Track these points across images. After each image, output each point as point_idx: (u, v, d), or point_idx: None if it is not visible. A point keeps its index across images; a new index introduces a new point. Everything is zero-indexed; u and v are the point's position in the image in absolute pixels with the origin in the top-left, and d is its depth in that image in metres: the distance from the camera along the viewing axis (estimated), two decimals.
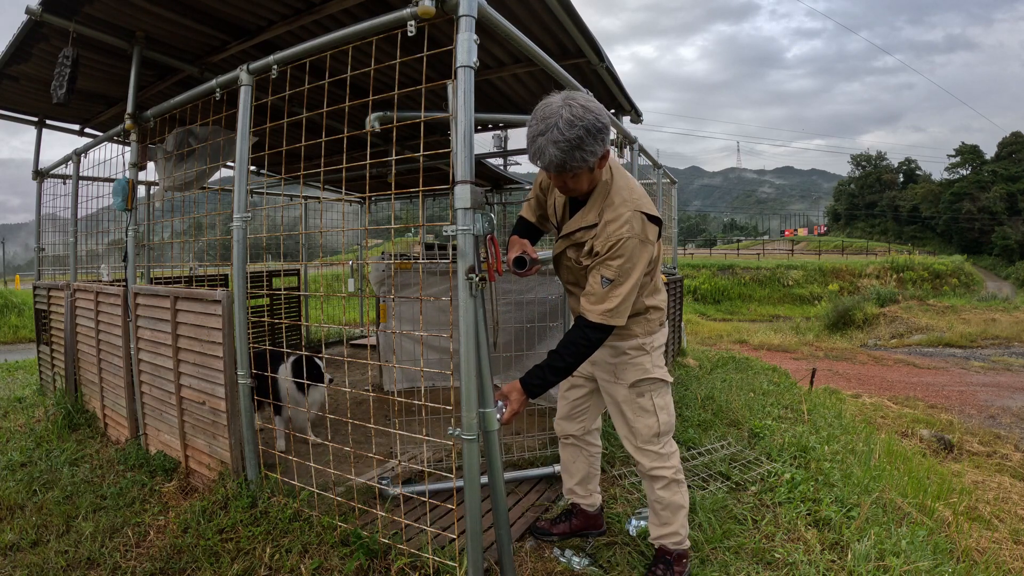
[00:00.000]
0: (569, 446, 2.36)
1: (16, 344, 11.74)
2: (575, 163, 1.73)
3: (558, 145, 1.69)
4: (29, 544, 2.38)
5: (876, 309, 16.37)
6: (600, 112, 1.72)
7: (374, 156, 5.08)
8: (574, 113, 1.67)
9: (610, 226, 1.84)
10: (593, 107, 1.71)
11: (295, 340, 6.55)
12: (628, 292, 1.83)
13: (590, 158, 1.73)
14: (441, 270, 4.55)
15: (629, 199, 1.87)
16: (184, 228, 4.96)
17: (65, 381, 4.16)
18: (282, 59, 2.35)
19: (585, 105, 1.70)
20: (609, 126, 1.75)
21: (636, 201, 1.86)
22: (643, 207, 1.86)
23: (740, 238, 78.56)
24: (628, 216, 1.83)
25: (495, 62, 3.50)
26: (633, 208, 1.84)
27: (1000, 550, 3.02)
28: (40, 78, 3.50)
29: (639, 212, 1.84)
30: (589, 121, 1.68)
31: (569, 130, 1.67)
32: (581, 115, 1.68)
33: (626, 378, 2.07)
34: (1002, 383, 8.98)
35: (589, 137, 1.69)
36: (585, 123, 1.68)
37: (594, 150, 1.72)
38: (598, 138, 1.71)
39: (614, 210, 1.85)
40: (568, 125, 1.67)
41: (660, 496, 2.08)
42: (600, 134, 1.72)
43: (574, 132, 1.67)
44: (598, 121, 1.70)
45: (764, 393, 5.28)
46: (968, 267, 32.20)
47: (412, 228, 7.62)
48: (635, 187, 1.92)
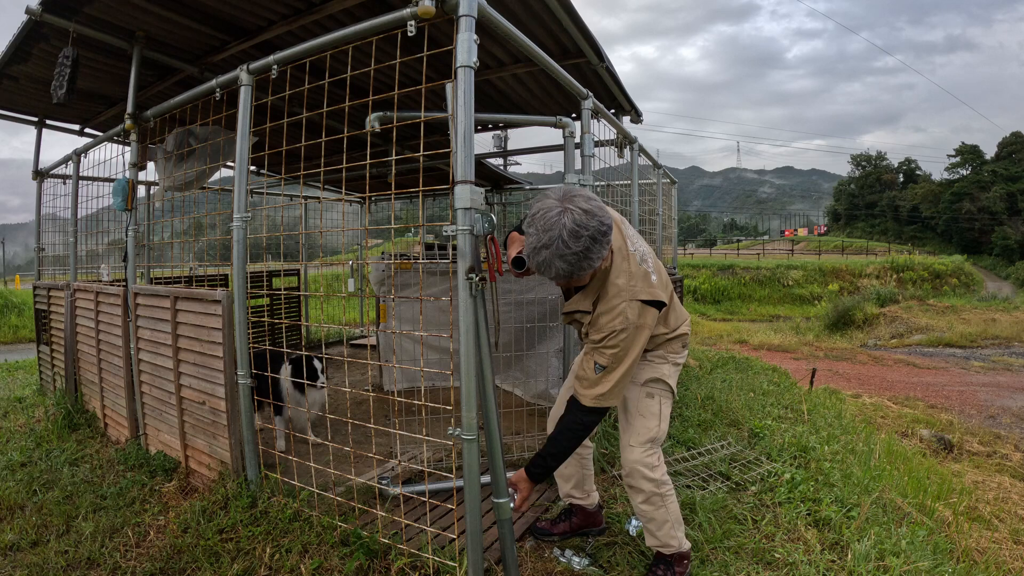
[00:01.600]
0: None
1: (16, 344, 11.74)
2: (583, 272, 1.70)
3: (565, 259, 1.63)
4: (29, 544, 2.38)
5: (876, 309, 16.37)
6: (601, 211, 1.66)
7: (374, 156, 5.08)
8: (577, 221, 1.61)
9: (602, 318, 1.84)
10: (594, 208, 1.65)
11: (295, 340, 6.55)
12: (621, 377, 1.85)
13: (596, 262, 1.69)
14: (441, 270, 4.55)
15: (625, 288, 1.83)
16: (184, 228, 4.95)
17: (65, 381, 4.16)
18: (282, 59, 2.35)
19: (586, 209, 1.63)
20: (612, 228, 1.69)
21: (632, 290, 1.83)
22: (638, 295, 1.83)
23: (740, 238, 78.57)
24: (622, 307, 1.81)
25: (495, 62, 3.50)
26: (628, 298, 1.82)
27: (1000, 550, 3.02)
28: (40, 78, 3.50)
29: (635, 301, 1.82)
30: (593, 228, 1.62)
31: (575, 243, 1.61)
32: (584, 222, 1.61)
33: (640, 377, 2.08)
34: (1002, 383, 8.98)
35: (596, 244, 1.64)
36: (590, 231, 1.61)
37: (600, 254, 1.67)
38: (603, 242, 1.66)
39: (607, 302, 1.83)
40: (573, 237, 1.60)
41: (642, 510, 2.08)
42: (605, 237, 1.66)
43: (580, 244, 1.61)
44: (602, 225, 1.64)
45: (764, 393, 5.29)
46: (968, 267, 32.20)
47: (412, 228, 7.62)
48: (633, 272, 1.86)
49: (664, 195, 5.57)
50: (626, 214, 3.86)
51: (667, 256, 5.93)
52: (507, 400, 4.25)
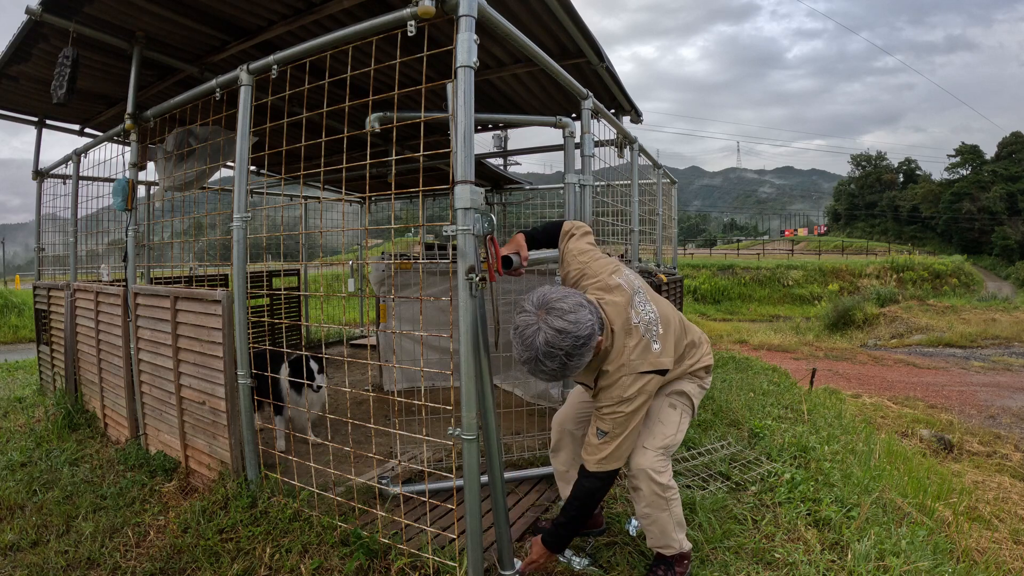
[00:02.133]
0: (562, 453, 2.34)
1: (16, 344, 11.74)
2: (569, 374, 1.79)
3: (546, 372, 1.75)
4: (29, 544, 2.38)
5: (876, 309, 16.36)
6: (576, 326, 1.69)
7: (374, 156, 5.08)
8: (550, 342, 1.68)
9: (603, 392, 1.90)
10: (569, 327, 1.68)
11: (295, 340, 6.55)
12: (622, 442, 1.89)
13: (581, 365, 1.76)
14: (441, 270, 4.55)
15: (626, 363, 1.87)
16: (184, 228, 4.96)
17: (65, 381, 4.16)
18: (282, 59, 2.35)
19: (559, 328, 1.68)
20: (592, 333, 1.73)
21: (631, 364, 1.87)
22: (638, 368, 1.87)
23: (740, 238, 78.56)
24: (622, 381, 1.86)
25: (495, 62, 3.50)
26: (628, 372, 1.86)
27: (1000, 550, 3.02)
28: (40, 78, 3.50)
29: (635, 374, 1.86)
30: (567, 346, 1.69)
31: (551, 361, 1.71)
32: (557, 343, 1.68)
33: (664, 389, 2.11)
34: (1002, 383, 8.98)
35: (572, 358, 1.71)
36: (564, 350, 1.69)
37: (581, 361, 1.74)
38: (581, 352, 1.72)
39: (608, 377, 1.88)
40: (548, 357, 1.70)
41: (645, 513, 2.07)
42: (584, 347, 1.72)
43: (556, 362, 1.71)
44: (577, 340, 1.69)
45: (764, 393, 5.29)
46: (968, 267, 32.19)
47: (412, 228, 7.61)
48: (633, 346, 1.89)
49: (664, 195, 5.57)
50: (626, 214, 3.86)
51: (667, 256, 5.93)
52: (507, 400, 4.25)
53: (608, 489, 2.01)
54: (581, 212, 2.89)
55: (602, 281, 1.97)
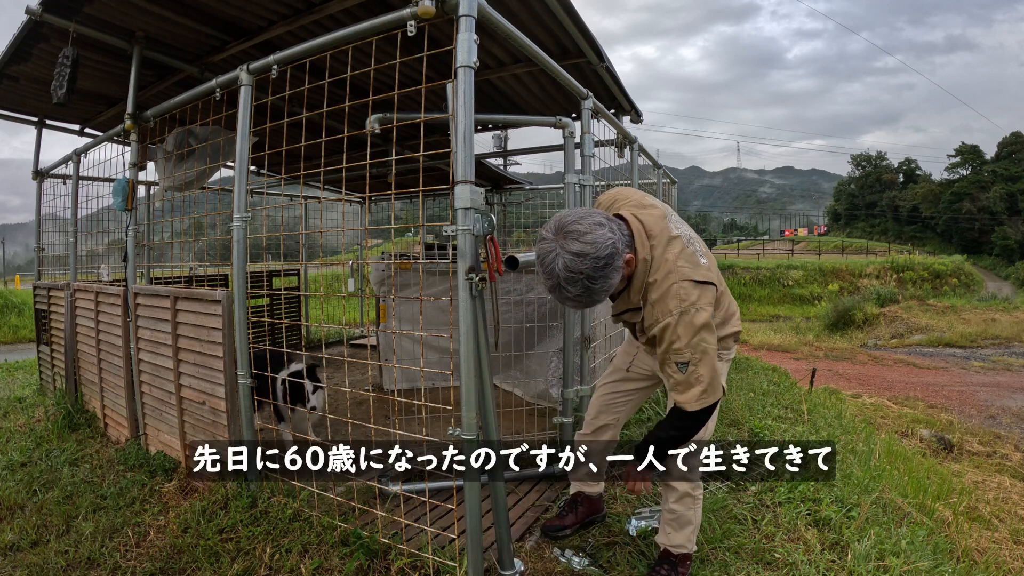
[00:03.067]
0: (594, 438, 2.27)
1: (16, 344, 11.74)
2: (598, 300, 1.69)
3: (573, 299, 1.65)
4: (29, 544, 2.38)
5: (876, 309, 16.36)
6: (595, 246, 1.59)
7: (374, 156, 5.07)
8: (569, 267, 1.59)
9: (656, 308, 1.72)
10: (587, 248, 1.59)
11: (295, 340, 6.55)
12: (711, 366, 1.70)
13: (608, 288, 1.66)
14: (441, 270, 4.55)
15: (674, 269, 1.72)
16: (184, 228, 4.96)
17: (65, 381, 4.16)
18: (282, 59, 2.35)
19: (577, 251, 1.59)
20: (614, 252, 1.63)
21: (680, 271, 1.72)
22: (688, 276, 1.71)
23: (740, 238, 78.53)
24: (674, 290, 1.70)
25: (495, 62, 3.50)
26: (679, 278, 1.71)
27: (1000, 550, 3.02)
28: (40, 78, 3.50)
29: (685, 281, 1.71)
30: (587, 268, 1.59)
31: (574, 286, 1.61)
32: (576, 266, 1.59)
33: None
34: (1002, 383, 8.98)
35: (596, 281, 1.61)
36: (584, 273, 1.60)
37: (607, 283, 1.64)
38: (607, 271, 1.62)
39: (657, 288, 1.72)
40: (569, 282, 1.61)
41: (673, 508, 2.07)
42: (608, 267, 1.61)
43: (579, 287, 1.61)
44: (597, 261, 1.59)
45: (764, 393, 5.28)
46: (968, 267, 32.18)
47: (412, 228, 7.61)
48: (678, 254, 1.76)
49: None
50: None
51: None
52: (507, 400, 4.25)
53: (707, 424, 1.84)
54: None
55: (636, 200, 1.88)
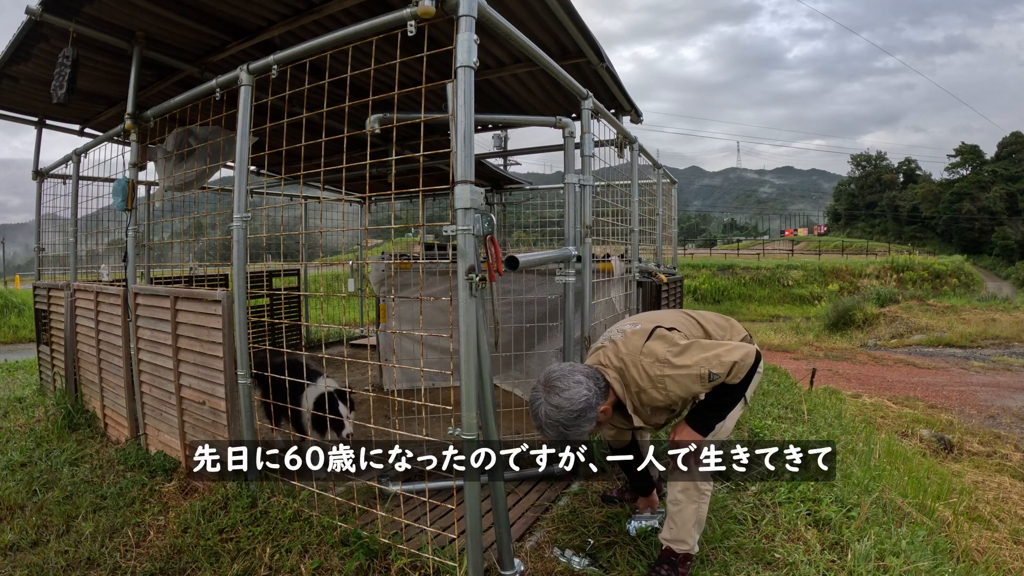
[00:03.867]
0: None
1: (16, 344, 11.75)
2: (576, 438, 1.97)
3: (556, 434, 1.96)
4: (29, 544, 2.38)
5: (876, 309, 16.36)
6: (570, 401, 1.91)
7: (374, 156, 5.07)
8: (548, 415, 1.93)
9: (659, 387, 1.99)
10: (562, 402, 1.91)
11: (295, 340, 6.55)
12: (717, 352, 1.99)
13: (584, 432, 1.96)
14: (441, 270, 4.55)
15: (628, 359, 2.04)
16: (184, 228, 4.96)
17: (65, 381, 4.16)
18: (282, 59, 2.35)
19: (556, 404, 1.91)
20: (587, 407, 1.92)
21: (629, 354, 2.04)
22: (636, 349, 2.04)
23: (740, 238, 78.50)
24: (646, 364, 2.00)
25: (495, 62, 3.50)
26: (635, 359, 2.02)
27: (1000, 550, 3.02)
28: (40, 78, 3.50)
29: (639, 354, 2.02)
30: (562, 418, 1.91)
31: (552, 430, 1.95)
32: (554, 416, 1.92)
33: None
34: (1002, 383, 8.98)
35: (570, 428, 1.92)
36: (560, 421, 1.91)
37: (581, 427, 1.93)
38: (580, 421, 1.92)
39: (642, 381, 2.01)
40: (549, 426, 1.95)
41: (675, 497, 2.08)
42: (580, 418, 1.92)
43: (555, 432, 1.95)
44: (571, 414, 1.91)
45: (764, 393, 5.28)
46: (968, 267, 32.17)
47: (412, 228, 7.62)
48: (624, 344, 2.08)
49: (664, 195, 5.56)
50: (626, 214, 3.86)
51: (667, 256, 5.92)
52: (507, 400, 4.25)
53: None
54: (581, 212, 2.89)
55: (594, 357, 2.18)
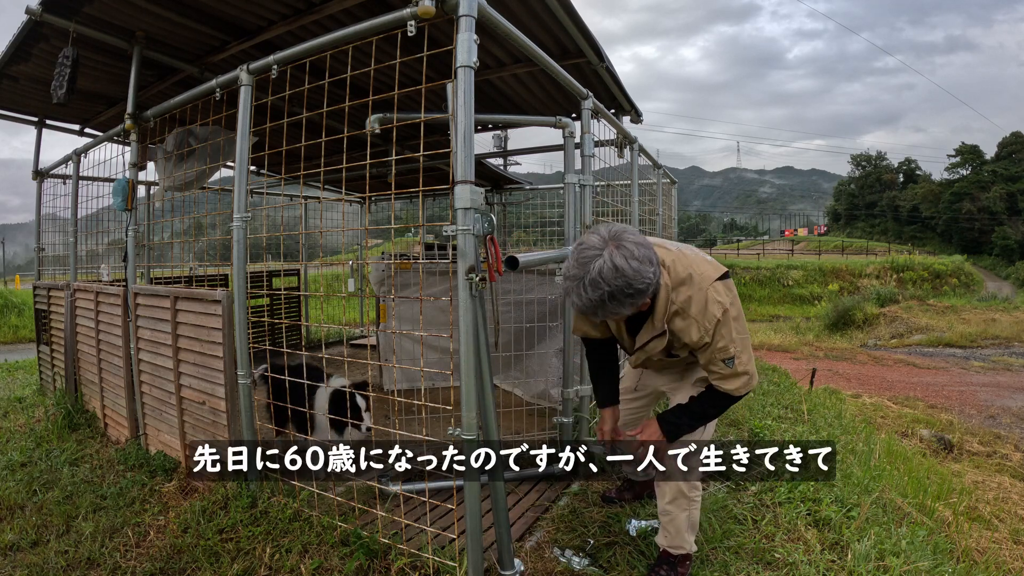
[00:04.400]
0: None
1: (16, 344, 11.74)
2: (598, 318, 1.73)
3: (581, 298, 1.63)
4: (29, 544, 2.38)
5: (876, 309, 16.36)
6: (637, 274, 1.58)
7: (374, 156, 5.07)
8: (604, 275, 1.57)
9: (702, 318, 1.77)
10: (629, 270, 1.57)
11: (295, 340, 6.55)
12: (750, 352, 1.86)
13: (617, 313, 1.68)
14: (441, 270, 4.55)
15: (697, 278, 1.79)
16: (184, 228, 4.96)
17: (65, 381, 4.16)
18: (282, 59, 2.35)
19: (619, 266, 1.57)
20: (645, 290, 1.62)
21: (703, 276, 1.79)
22: (712, 275, 1.81)
23: (740, 238, 78.49)
24: (711, 296, 1.77)
25: (495, 62, 3.50)
26: (708, 284, 1.79)
27: (1000, 550, 3.02)
28: (40, 78, 3.50)
29: (714, 283, 1.80)
30: (616, 286, 1.58)
31: (593, 291, 1.59)
32: (611, 279, 1.57)
33: (693, 375, 2.09)
34: (1002, 383, 8.98)
35: (613, 302, 1.60)
36: (612, 288, 1.58)
37: (622, 306, 1.63)
38: (625, 302, 1.62)
39: (694, 303, 1.77)
40: (593, 286, 1.58)
41: (665, 508, 2.07)
42: (631, 296, 1.61)
43: (596, 295, 1.59)
44: (628, 286, 1.58)
45: (764, 393, 5.28)
46: (968, 267, 32.18)
47: (412, 228, 7.61)
48: (691, 260, 1.83)
49: (664, 195, 5.56)
50: (626, 214, 3.86)
51: None
52: (507, 400, 4.25)
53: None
54: (581, 212, 2.89)
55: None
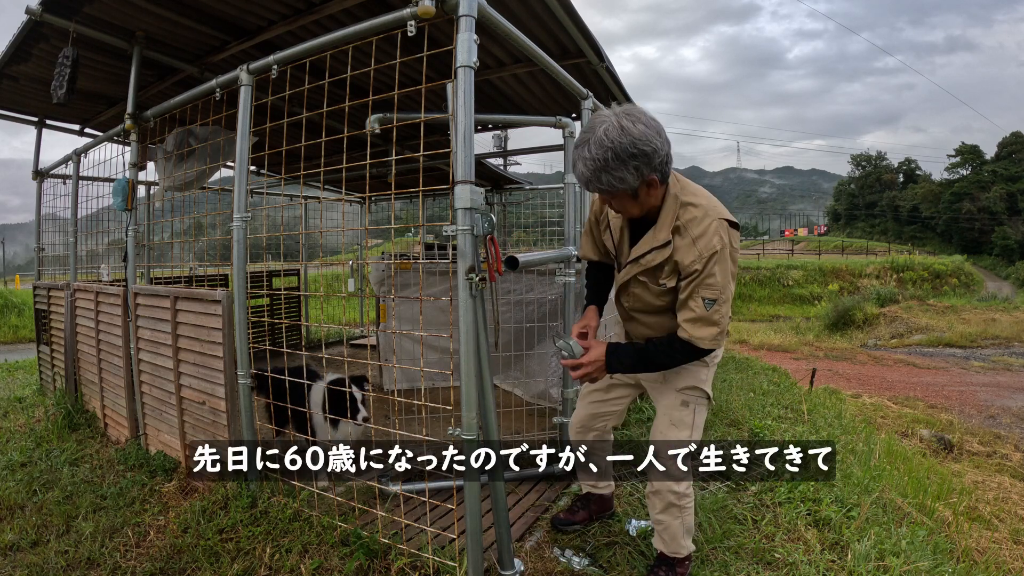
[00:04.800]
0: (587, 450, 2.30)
1: (16, 344, 11.74)
2: (601, 185, 1.67)
3: (585, 163, 1.64)
4: (29, 544, 2.38)
5: (876, 309, 16.36)
6: (643, 136, 1.59)
7: (374, 156, 5.07)
8: (608, 134, 1.59)
9: (700, 241, 1.71)
10: (635, 131, 1.58)
11: (295, 340, 6.55)
12: (728, 309, 1.76)
13: (618, 184, 1.64)
14: (441, 270, 4.55)
15: (708, 206, 1.74)
16: (184, 228, 4.96)
17: (65, 381, 4.16)
18: (282, 59, 2.35)
19: (624, 126, 1.58)
20: (650, 153, 1.61)
21: (715, 208, 1.75)
22: (723, 213, 1.75)
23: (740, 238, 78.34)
24: (715, 226, 1.71)
25: (495, 62, 3.50)
26: (716, 216, 1.73)
27: (1000, 550, 3.02)
28: (40, 78, 3.50)
29: (722, 220, 1.73)
30: (621, 145, 1.58)
31: (597, 150, 1.60)
32: (616, 137, 1.58)
33: (676, 383, 2.00)
34: (1002, 383, 8.98)
35: (616, 161, 1.60)
36: (615, 146, 1.58)
37: (623, 176, 1.62)
38: (628, 164, 1.60)
39: (698, 224, 1.72)
40: (598, 145, 1.60)
41: (658, 519, 2.06)
42: (633, 160, 1.60)
43: (600, 153, 1.60)
44: (633, 147, 1.58)
45: (764, 393, 5.28)
46: (968, 267, 32.18)
47: (412, 228, 7.62)
48: (707, 194, 1.81)
49: None
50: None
51: None
52: (507, 400, 4.25)
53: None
54: (581, 212, 2.89)
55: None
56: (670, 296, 1.85)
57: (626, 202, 1.74)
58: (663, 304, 1.89)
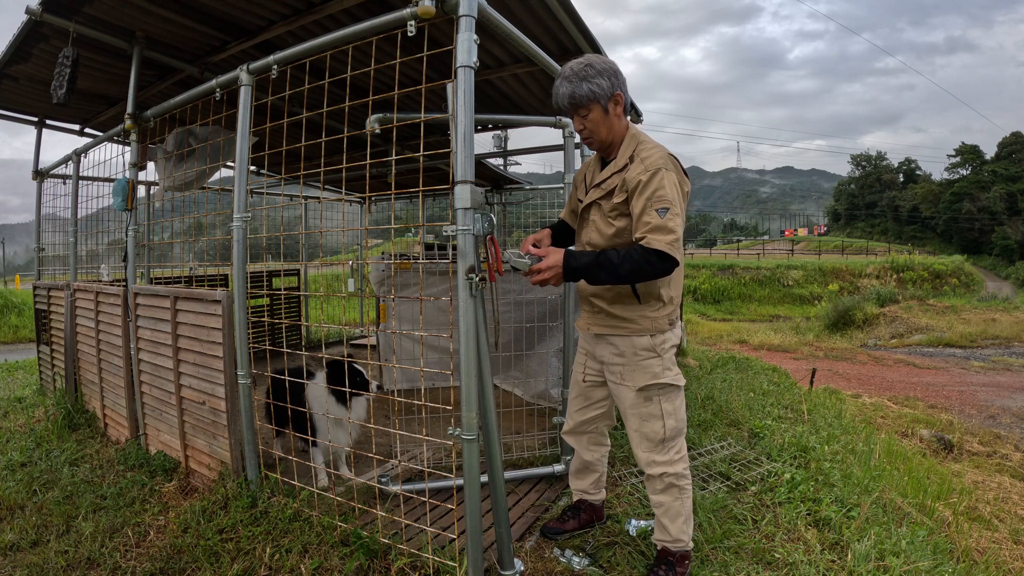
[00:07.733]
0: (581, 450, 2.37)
1: (16, 344, 11.74)
2: (582, 93, 1.90)
3: (567, 79, 1.93)
4: (29, 544, 2.38)
5: (876, 309, 16.37)
6: (600, 63, 1.94)
7: (374, 156, 5.07)
8: (574, 63, 1.95)
9: (647, 160, 1.90)
10: (596, 60, 1.96)
11: (295, 340, 6.55)
12: (681, 222, 1.84)
13: (597, 90, 1.90)
14: (441, 270, 4.55)
15: (659, 146, 1.97)
16: (184, 228, 4.96)
17: (65, 381, 4.16)
18: (282, 59, 2.35)
19: (589, 58, 1.97)
20: (620, 73, 1.95)
21: (663, 155, 1.93)
22: (668, 159, 1.93)
23: (740, 238, 78.51)
24: (661, 153, 1.92)
25: (495, 62, 3.50)
26: (665, 152, 1.94)
27: (1000, 550, 3.02)
28: (40, 78, 3.50)
29: (670, 155, 1.94)
30: (598, 59, 1.94)
31: (579, 65, 1.93)
32: (591, 58, 1.96)
33: (634, 381, 2.01)
34: (1002, 383, 8.98)
35: (594, 71, 1.90)
36: (592, 60, 1.93)
37: (600, 84, 1.90)
38: (605, 74, 1.91)
39: (648, 149, 1.94)
40: (578, 63, 1.95)
41: (658, 500, 2.07)
42: (607, 72, 1.91)
43: (580, 67, 1.92)
44: (603, 63, 1.93)
45: (764, 393, 5.28)
46: (968, 267, 32.18)
47: (412, 228, 7.62)
48: (662, 148, 1.99)
49: None
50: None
51: None
52: (507, 400, 4.25)
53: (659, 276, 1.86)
54: None
55: None
56: (621, 222, 1.97)
57: (599, 123, 1.97)
58: (613, 232, 2.00)
